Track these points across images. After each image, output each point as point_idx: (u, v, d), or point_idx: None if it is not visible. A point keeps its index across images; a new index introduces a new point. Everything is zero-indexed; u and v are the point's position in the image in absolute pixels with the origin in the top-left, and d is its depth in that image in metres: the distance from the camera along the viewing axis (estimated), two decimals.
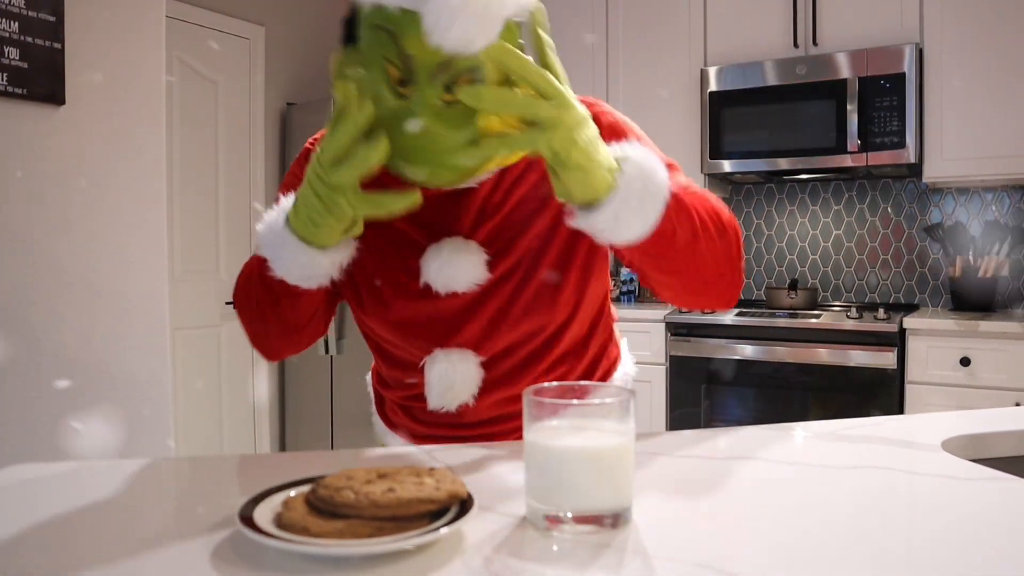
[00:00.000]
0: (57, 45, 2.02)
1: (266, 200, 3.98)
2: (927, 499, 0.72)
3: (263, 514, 0.61)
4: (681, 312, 3.40)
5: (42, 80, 2.00)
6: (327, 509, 0.59)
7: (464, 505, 0.62)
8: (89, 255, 2.15)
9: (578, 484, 0.62)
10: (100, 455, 2.13)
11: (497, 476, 0.75)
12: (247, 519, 0.59)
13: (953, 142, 3.06)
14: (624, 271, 4.00)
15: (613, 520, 0.62)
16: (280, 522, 0.59)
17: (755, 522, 0.65)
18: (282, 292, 0.88)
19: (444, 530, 0.58)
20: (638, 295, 4.01)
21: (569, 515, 0.62)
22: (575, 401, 0.65)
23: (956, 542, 0.62)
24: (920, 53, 3.08)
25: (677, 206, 0.82)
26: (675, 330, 3.31)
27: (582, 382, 0.73)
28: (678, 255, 0.85)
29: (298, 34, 4.13)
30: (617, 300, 3.98)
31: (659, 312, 3.42)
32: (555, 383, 0.72)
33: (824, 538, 0.63)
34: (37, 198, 2.03)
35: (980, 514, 0.70)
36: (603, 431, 0.63)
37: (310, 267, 0.84)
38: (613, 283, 4.05)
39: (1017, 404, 2.73)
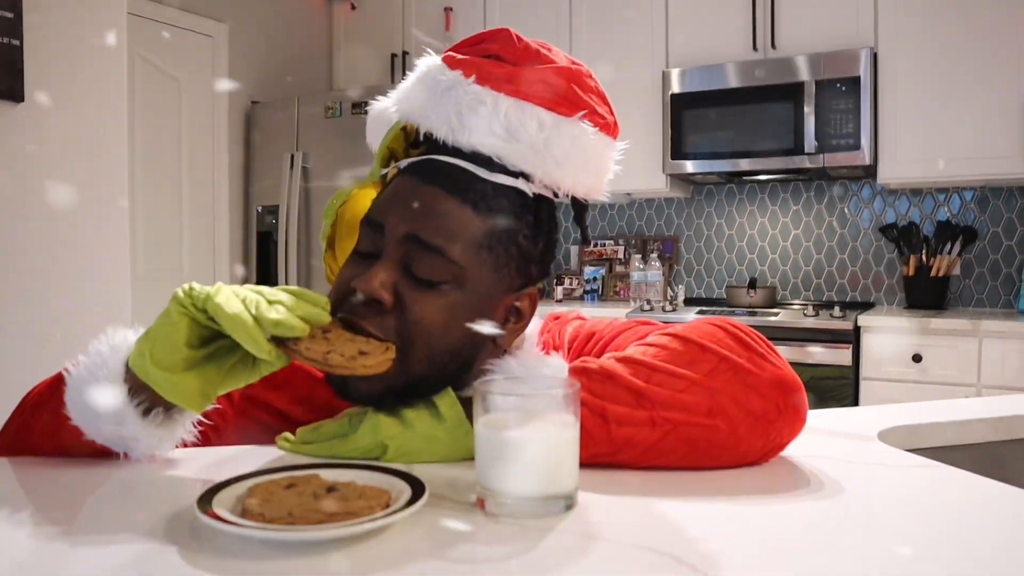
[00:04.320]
0: (16, 42, 2.01)
1: (230, 197, 3.97)
2: (857, 485, 0.76)
3: (222, 503, 0.63)
4: (643, 310, 3.45)
5: (0, 77, 1.98)
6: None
7: (417, 492, 0.64)
8: (50, 253, 2.14)
9: (525, 472, 0.65)
10: None
11: (450, 465, 0.78)
12: (206, 508, 0.61)
13: (907, 145, 3.15)
14: (587, 269, 4.05)
15: (559, 506, 0.65)
16: (241, 510, 0.61)
17: (697, 508, 0.69)
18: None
19: (397, 516, 0.60)
20: (601, 294, 4.06)
21: (517, 501, 0.65)
22: (523, 392, 0.68)
23: (884, 525, 0.66)
24: (875, 57, 3.16)
25: None
26: None
27: (530, 375, 0.76)
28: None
29: (261, 31, 4.12)
30: (580, 299, 4.02)
31: (621, 311, 3.46)
32: (503, 376, 0.75)
33: (761, 521, 0.66)
34: None
35: (907, 498, 0.74)
36: (549, 421, 0.66)
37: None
38: (576, 281, 4.10)
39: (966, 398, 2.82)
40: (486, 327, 0.79)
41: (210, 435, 0.86)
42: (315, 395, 0.92)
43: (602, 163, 0.86)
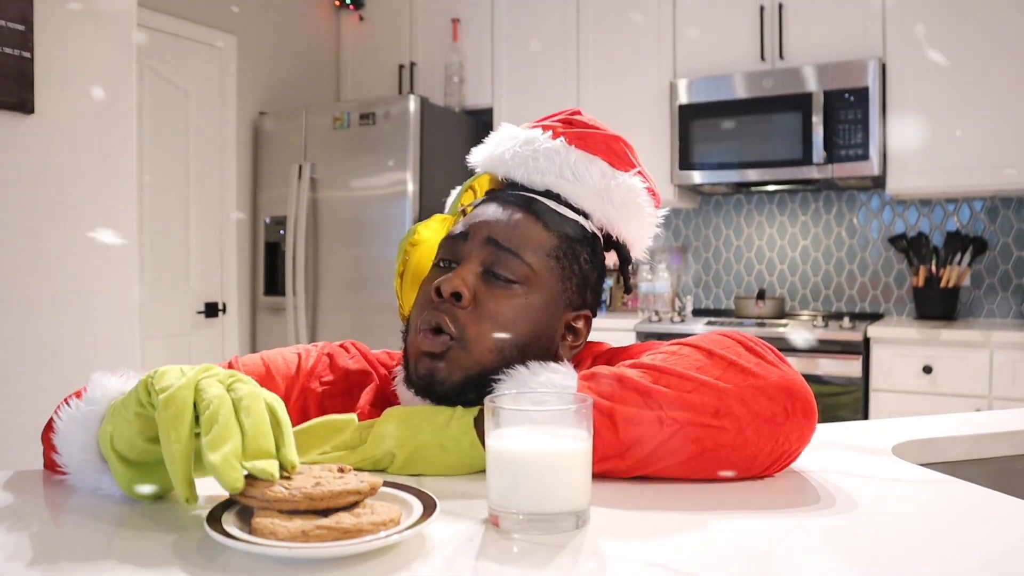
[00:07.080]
0: (26, 54, 2.01)
1: (237, 208, 3.97)
2: (873, 500, 0.75)
3: (232, 519, 0.62)
4: (651, 321, 3.44)
5: (10, 89, 1.99)
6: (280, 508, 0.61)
7: (428, 508, 0.64)
8: (59, 264, 2.14)
9: (536, 488, 0.64)
10: None
11: (461, 481, 0.77)
12: (216, 524, 0.61)
13: (915, 155, 3.13)
14: None
15: (570, 522, 0.65)
16: (251, 526, 0.61)
17: (710, 524, 0.68)
18: None
19: (409, 532, 0.59)
20: (609, 304, 4.05)
21: (527, 518, 0.64)
22: (534, 408, 0.67)
23: (898, 541, 0.65)
24: (883, 67, 3.15)
25: None
26: (646, 339, 3.34)
27: (542, 391, 0.76)
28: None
29: (270, 43, 4.13)
30: None
31: (630, 322, 3.45)
32: (515, 391, 0.74)
33: (775, 537, 0.65)
34: (4, 206, 2.02)
35: (923, 514, 0.73)
36: (561, 437, 0.65)
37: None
38: None
39: (977, 410, 2.79)
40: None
41: None
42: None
43: (648, 220, 0.98)
